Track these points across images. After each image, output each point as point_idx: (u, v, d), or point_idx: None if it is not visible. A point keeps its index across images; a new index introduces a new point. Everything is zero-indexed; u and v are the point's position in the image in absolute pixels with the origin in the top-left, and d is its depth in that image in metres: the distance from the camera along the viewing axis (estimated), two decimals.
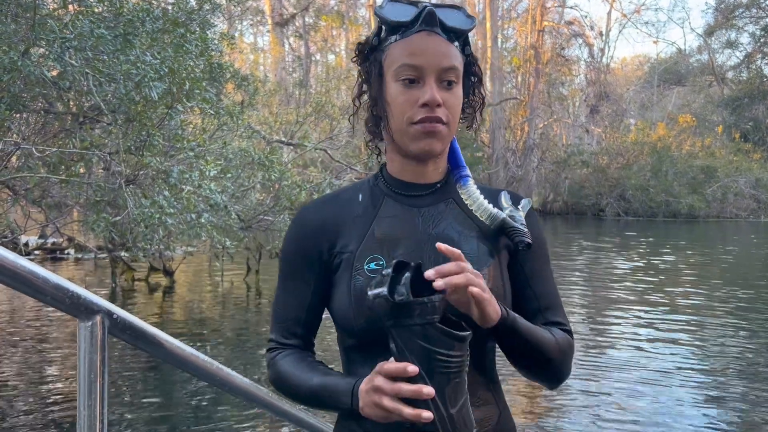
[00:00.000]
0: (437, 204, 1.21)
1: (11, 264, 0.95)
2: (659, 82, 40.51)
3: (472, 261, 1.12)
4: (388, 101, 1.14)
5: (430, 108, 1.10)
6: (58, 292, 1.03)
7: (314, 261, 1.20)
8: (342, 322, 1.15)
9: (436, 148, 1.13)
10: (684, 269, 13.07)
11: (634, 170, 29.26)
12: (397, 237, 1.17)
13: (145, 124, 5.20)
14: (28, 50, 4.80)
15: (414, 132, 1.12)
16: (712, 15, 37.05)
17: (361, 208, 1.21)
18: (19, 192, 6.66)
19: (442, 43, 1.12)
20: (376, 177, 1.27)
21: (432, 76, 1.10)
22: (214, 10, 6.87)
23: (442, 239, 1.14)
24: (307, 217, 1.23)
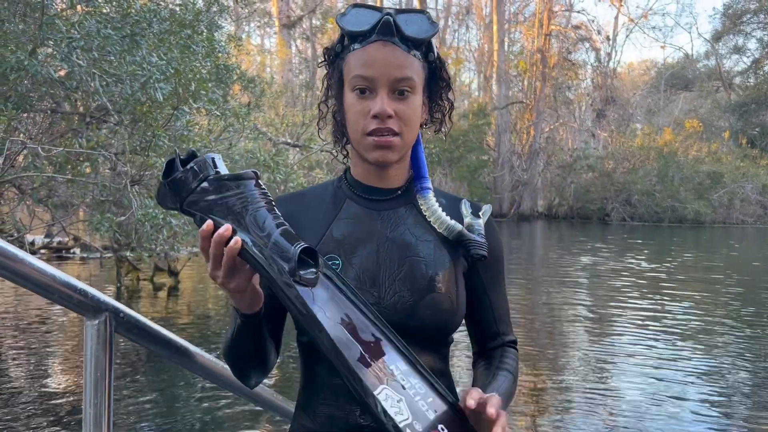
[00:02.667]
0: (397, 208, 1.22)
1: (20, 262, 0.96)
2: (666, 87, 40.43)
3: (428, 265, 1.16)
4: (345, 109, 1.16)
5: (380, 120, 1.11)
6: (66, 290, 1.04)
7: None
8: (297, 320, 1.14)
9: (390, 158, 1.14)
10: (689, 275, 13.03)
11: (640, 175, 29.19)
12: (355, 238, 1.17)
13: (151, 125, 5.22)
14: (36, 50, 4.82)
15: (367, 143, 1.13)
16: (720, 20, 36.97)
17: (323, 208, 1.23)
18: (26, 191, 6.69)
19: (397, 54, 1.11)
20: (340, 179, 1.28)
21: (384, 88, 1.11)
22: (221, 11, 6.89)
23: (400, 242, 1.17)
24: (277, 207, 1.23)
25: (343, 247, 1.16)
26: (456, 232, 1.18)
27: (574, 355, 6.73)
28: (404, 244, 1.17)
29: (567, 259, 15.23)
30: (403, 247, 1.17)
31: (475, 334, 1.31)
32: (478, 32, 37.52)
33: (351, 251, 1.15)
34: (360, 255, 1.15)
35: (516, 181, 31.99)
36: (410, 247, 1.17)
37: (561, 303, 9.68)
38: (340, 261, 1.14)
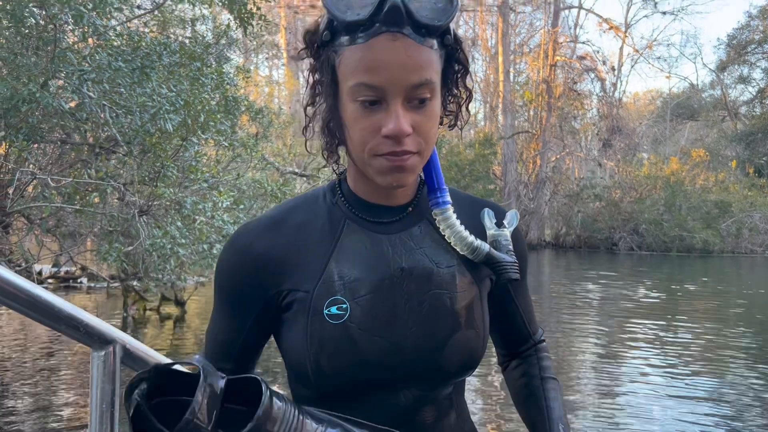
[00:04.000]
0: (409, 229, 0.99)
1: (27, 292, 0.97)
2: (672, 117, 40.55)
3: (453, 298, 0.97)
4: (345, 122, 0.91)
5: (395, 141, 0.87)
6: (73, 321, 1.04)
7: (254, 297, 0.97)
8: (297, 369, 0.97)
9: (407, 181, 0.92)
10: (698, 303, 12.91)
11: (647, 204, 29.14)
12: (362, 274, 0.95)
13: (160, 156, 5.27)
14: (47, 82, 4.89)
15: (378, 166, 0.89)
16: (724, 51, 37.19)
17: (316, 237, 0.97)
18: (34, 221, 6.74)
19: (411, 51, 0.85)
20: (333, 192, 1.02)
21: (398, 98, 0.86)
22: (230, 44, 6.99)
23: (417, 273, 0.96)
24: (248, 245, 0.97)
25: (348, 286, 0.94)
26: (483, 255, 0.98)
27: (581, 380, 6.66)
28: (423, 275, 0.97)
29: (575, 288, 15.13)
30: (422, 279, 0.96)
31: (504, 341, 1.17)
32: (483, 63, 37.81)
33: (358, 290, 0.94)
34: (370, 294, 0.94)
35: (523, 210, 31.97)
36: (430, 277, 0.97)
37: (569, 330, 9.59)
38: (347, 304, 0.93)
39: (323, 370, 0.92)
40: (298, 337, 0.94)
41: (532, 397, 1.14)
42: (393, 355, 0.93)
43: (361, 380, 0.94)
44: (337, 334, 0.92)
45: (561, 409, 1.11)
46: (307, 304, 0.94)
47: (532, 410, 1.13)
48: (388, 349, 0.93)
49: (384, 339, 0.93)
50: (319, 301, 0.93)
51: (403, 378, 0.95)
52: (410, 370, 0.95)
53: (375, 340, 0.93)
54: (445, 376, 0.98)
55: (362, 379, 0.93)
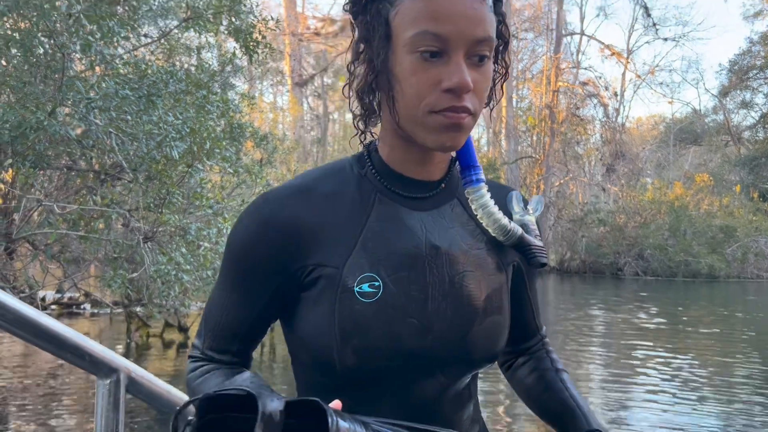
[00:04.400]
0: (441, 206, 0.96)
1: (34, 321, 0.97)
2: (675, 142, 40.66)
3: (483, 281, 0.94)
4: (397, 77, 0.85)
5: (456, 95, 0.83)
6: (79, 350, 1.04)
7: (275, 271, 0.90)
8: (316, 353, 0.89)
9: (460, 143, 0.87)
10: (705, 329, 12.82)
11: (651, 229, 29.08)
12: (395, 250, 0.90)
13: (165, 182, 5.30)
14: (55, 110, 4.94)
15: (433, 123, 0.85)
16: (726, 76, 37.39)
17: (346, 209, 0.92)
18: (39, 247, 6.76)
19: (475, 4, 0.82)
20: (362, 163, 0.96)
21: (460, 51, 0.82)
22: (235, 72, 7.07)
23: (449, 254, 0.92)
24: (273, 214, 0.90)
25: (381, 263, 0.88)
26: (516, 238, 0.94)
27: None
28: (454, 256, 0.93)
29: (580, 313, 15.04)
30: (454, 260, 0.92)
31: (514, 334, 1.07)
32: None
33: (392, 268, 0.88)
34: (404, 272, 0.89)
35: None
36: (462, 259, 0.93)
37: (574, 355, 9.52)
38: (380, 282, 0.88)
39: (352, 352, 0.86)
40: (322, 316, 0.87)
41: (551, 390, 1.09)
42: (424, 338, 0.88)
43: (391, 365, 0.88)
44: (369, 313, 0.86)
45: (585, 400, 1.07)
46: (335, 280, 0.87)
47: (553, 402, 1.08)
48: (420, 331, 0.88)
49: (417, 320, 0.88)
50: (349, 278, 0.87)
51: (432, 363, 0.90)
52: (440, 354, 0.90)
53: (408, 321, 0.87)
54: (472, 363, 0.94)
55: (393, 364, 0.88)
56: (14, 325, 0.97)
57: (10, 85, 5.14)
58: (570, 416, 1.04)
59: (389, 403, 0.90)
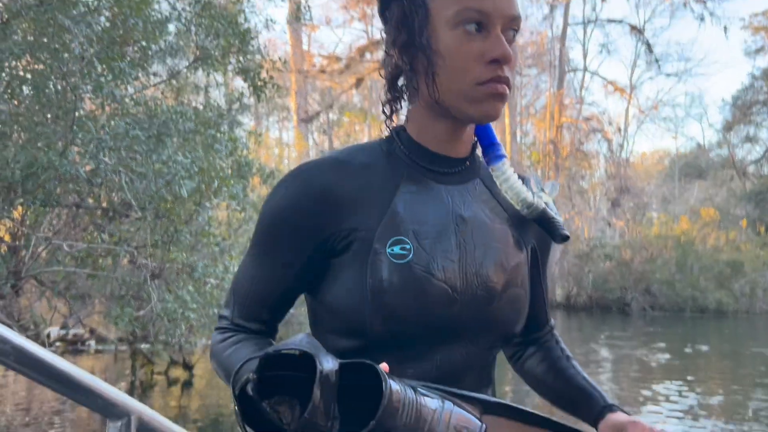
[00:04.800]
0: (465, 183, 1.00)
1: (46, 362, 0.99)
2: (680, 176, 40.69)
3: (506, 254, 0.98)
4: (439, 52, 0.91)
5: (499, 66, 0.89)
6: (89, 391, 1.05)
7: (310, 236, 0.93)
8: (347, 318, 0.91)
9: (500, 112, 0.92)
10: (713, 366, 12.67)
11: (658, 264, 28.92)
12: (425, 217, 0.94)
13: (174, 220, 5.34)
14: (66, 150, 5.02)
15: (479, 94, 0.90)
16: (730, 111, 37.58)
17: (378, 179, 0.96)
18: (46, 284, 6.78)
19: None
20: (390, 141, 1.01)
21: (498, 26, 0.89)
22: (243, 110, 7.16)
23: (476, 225, 0.96)
24: (312, 178, 0.94)
25: (412, 228, 0.92)
26: (539, 211, 0.98)
27: None
28: (481, 227, 0.97)
29: (588, 349, 14.89)
30: (481, 231, 0.96)
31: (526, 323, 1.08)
32: None
33: (421, 234, 0.92)
34: (433, 238, 0.92)
35: None
36: (488, 230, 0.97)
37: None
38: (410, 245, 0.91)
39: (382, 311, 0.88)
40: (354, 278, 0.90)
41: (564, 377, 1.11)
42: (453, 302, 0.91)
43: (420, 326, 0.90)
44: (401, 273, 0.89)
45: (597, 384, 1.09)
46: (368, 243, 0.91)
47: (568, 387, 1.10)
48: (448, 295, 0.91)
49: (445, 284, 0.91)
50: (381, 240, 0.91)
51: (458, 328, 0.93)
52: (466, 320, 0.93)
53: (437, 284, 0.90)
54: (496, 332, 0.97)
55: (422, 325, 0.90)
56: (24, 365, 0.99)
57: (23, 125, 5.23)
58: (586, 396, 1.08)
59: (415, 369, 0.91)
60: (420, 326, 0.90)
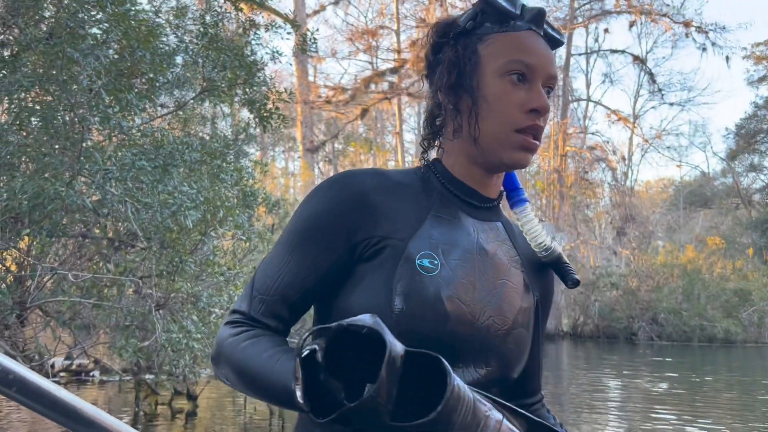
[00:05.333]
0: (491, 221, 1.06)
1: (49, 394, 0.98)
2: (685, 205, 40.65)
3: (519, 295, 1.01)
4: (485, 97, 0.98)
5: (538, 115, 0.97)
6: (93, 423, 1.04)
7: (343, 238, 0.96)
8: None
9: (529, 163, 1.00)
10: (723, 396, 12.51)
11: (665, 293, 28.74)
12: (452, 239, 0.98)
13: (179, 250, 5.35)
14: (73, 180, 5.05)
15: (515, 141, 0.98)
16: (733, 140, 37.67)
17: (414, 196, 1.01)
18: (51, 314, 6.77)
19: (548, 48, 1.02)
20: (426, 171, 1.06)
21: (539, 81, 0.98)
22: (249, 140, 7.22)
23: (495, 259, 1.01)
24: (352, 183, 0.99)
25: (440, 246, 0.96)
26: (556, 255, 1.04)
27: None
28: (500, 264, 1.01)
29: (595, 379, 14.74)
30: (499, 268, 1.01)
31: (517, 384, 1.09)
32: None
33: (449, 253, 0.96)
34: (458, 259, 0.97)
35: None
36: (505, 269, 1.02)
37: (589, 422, 9.30)
38: (438, 261, 0.95)
39: (406, 317, 0.90)
40: (380, 282, 0.93)
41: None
42: (469, 325, 0.94)
43: (435, 341, 0.91)
44: (427, 284, 0.92)
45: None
46: (399, 251, 0.94)
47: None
48: (467, 317, 0.94)
49: (466, 306, 0.94)
50: (412, 250, 0.94)
51: (469, 351, 0.95)
52: (477, 344, 0.95)
53: (458, 304, 0.94)
54: (498, 366, 0.98)
55: (437, 340, 0.91)
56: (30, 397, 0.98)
57: (30, 156, 5.27)
58: None
59: None
60: (435, 341, 0.91)
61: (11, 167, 5.16)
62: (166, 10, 7.37)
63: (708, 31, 27.91)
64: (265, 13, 13.56)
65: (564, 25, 28.68)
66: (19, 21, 5.20)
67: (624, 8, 28.57)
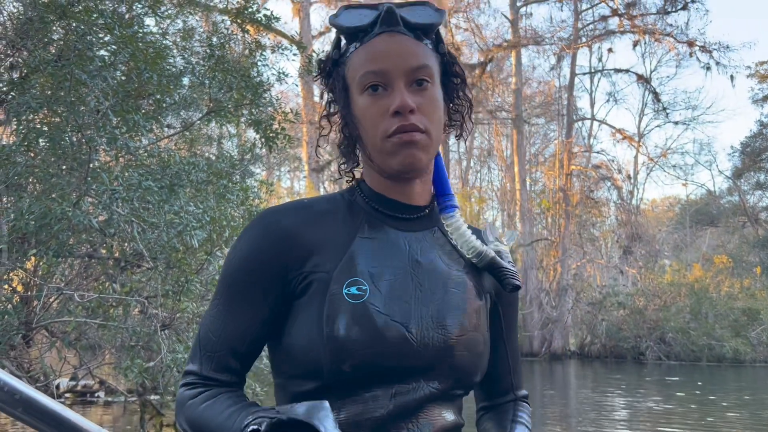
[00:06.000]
0: (424, 231, 1.04)
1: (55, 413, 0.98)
2: (691, 223, 40.51)
3: (462, 299, 0.99)
4: (357, 116, 1.00)
5: (402, 116, 0.95)
6: None
7: (276, 278, 0.96)
8: (304, 359, 0.94)
9: (421, 159, 0.97)
10: (733, 417, 12.37)
11: (672, 312, 28.54)
12: (381, 261, 0.97)
13: (185, 270, 5.36)
14: (80, 201, 5.08)
15: (391, 146, 0.96)
16: (739, 158, 37.59)
17: (339, 223, 1.01)
18: (56, 334, 6.77)
19: (408, 42, 0.98)
20: (352, 191, 1.07)
21: (400, 80, 0.96)
22: (255, 160, 7.25)
23: (432, 270, 0.99)
24: (276, 221, 0.99)
25: (368, 271, 0.96)
26: (488, 259, 1.02)
27: None
28: (436, 272, 1.00)
29: (602, 399, 14.59)
30: (436, 276, 1.00)
31: (485, 386, 1.13)
32: (499, 173, 38.51)
33: (378, 276, 0.96)
34: (389, 281, 0.96)
35: (545, 318, 31.44)
36: (444, 276, 1.00)
37: None
38: (366, 286, 0.94)
39: (339, 351, 0.90)
40: (310, 319, 0.93)
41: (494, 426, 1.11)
42: (408, 343, 0.93)
43: (375, 365, 0.92)
44: (356, 313, 0.92)
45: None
46: (325, 283, 0.94)
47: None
48: (403, 336, 0.93)
49: (401, 324, 0.93)
50: (338, 281, 0.94)
51: (415, 369, 0.94)
52: (422, 360, 0.94)
53: (393, 324, 0.92)
54: (454, 375, 0.97)
55: (377, 364, 0.92)
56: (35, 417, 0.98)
57: (38, 176, 5.31)
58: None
59: (374, 408, 0.92)
60: (375, 365, 0.92)
61: (19, 188, 5.19)
62: (173, 32, 7.45)
63: (712, 50, 27.97)
64: (271, 34, 13.69)
65: (568, 45, 28.84)
66: (28, 43, 5.27)
67: (627, 28, 28.71)
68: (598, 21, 28.94)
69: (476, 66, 27.66)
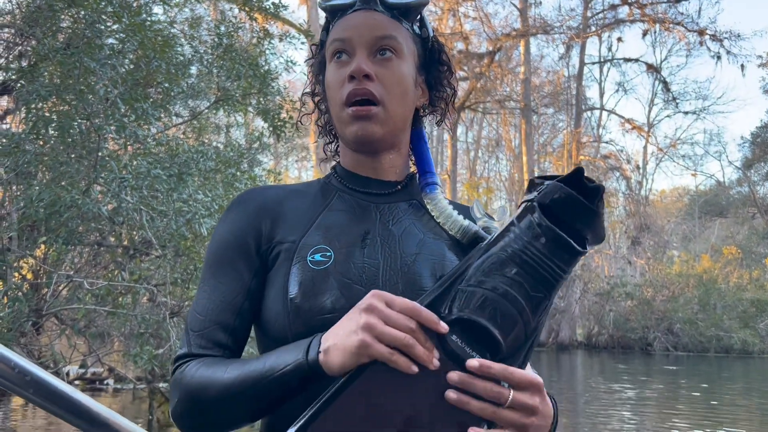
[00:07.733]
0: (398, 203, 1.03)
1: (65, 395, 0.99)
2: (700, 214, 40.31)
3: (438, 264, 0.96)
4: (326, 86, 1.03)
5: (357, 81, 0.95)
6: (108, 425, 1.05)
7: (252, 247, 0.98)
8: (273, 329, 0.93)
9: (374, 132, 0.97)
10: (740, 409, 12.35)
11: (680, 303, 28.45)
12: (348, 228, 0.97)
13: (194, 258, 5.38)
14: (89, 189, 5.10)
15: (346, 116, 0.97)
16: (749, 149, 37.34)
17: (310, 200, 1.03)
18: (66, 322, 6.82)
19: (378, 17, 0.99)
20: (328, 176, 1.10)
21: (363, 49, 0.98)
22: (263, 149, 7.26)
23: (404, 236, 0.98)
24: (249, 197, 1.03)
25: (335, 239, 0.95)
26: (471, 233, 0.98)
27: None
28: (410, 240, 0.98)
29: (610, 390, 14.60)
30: (409, 242, 0.97)
31: None
32: (508, 163, 38.45)
33: (344, 243, 0.95)
34: (355, 246, 0.95)
35: (553, 309, 31.40)
36: (417, 242, 0.98)
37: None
38: (331, 252, 0.93)
39: (303, 318, 0.89)
40: (277, 289, 0.94)
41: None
42: None
43: None
44: (319, 278, 0.92)
45: None
46: (291, 252, 0.95)
47: None
48: None
49: (366, 289, 0.88)
50: (303, 250, 0.94)
51: None
52: None
53: (357, 289, 0.91)
54: None
55: None
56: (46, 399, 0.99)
57: (47, 165, 5.33)
58: None
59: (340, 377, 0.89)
60: None
61: (28, 176, 5.22)
62: (182, 20, 7.45)
63: (723, 39, 27.69)
64: (278, 23, 13.66)
65: (577, 34, 28.63)
66: (36, 32, 5.28)
67: (637, 17, 28.46)
68: (607, 10, 28.68)
69: (485, 55, 27.49)
